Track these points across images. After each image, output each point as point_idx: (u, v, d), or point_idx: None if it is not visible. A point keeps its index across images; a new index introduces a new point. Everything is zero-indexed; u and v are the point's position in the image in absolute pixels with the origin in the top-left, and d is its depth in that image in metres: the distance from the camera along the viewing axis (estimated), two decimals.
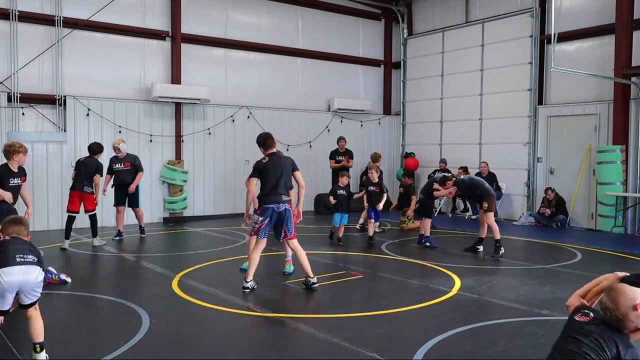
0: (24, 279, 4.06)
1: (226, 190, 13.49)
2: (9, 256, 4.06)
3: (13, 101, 10.83)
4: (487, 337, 4.99)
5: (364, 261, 8.37)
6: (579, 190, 12.09)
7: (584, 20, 12.04)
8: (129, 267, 8.07)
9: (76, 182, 9.23)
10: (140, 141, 12.24)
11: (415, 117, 15.87)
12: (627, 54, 11.07)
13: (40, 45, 11.20)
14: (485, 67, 13.93)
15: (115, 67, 12.07)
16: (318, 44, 14.99)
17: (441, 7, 15.16)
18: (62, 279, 6.77)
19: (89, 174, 9.19)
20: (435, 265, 7.97)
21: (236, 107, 13.56)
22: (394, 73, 16.52)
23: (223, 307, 5.82)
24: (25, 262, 4.09)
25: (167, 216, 12.57)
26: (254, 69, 14.00)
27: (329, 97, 15.20)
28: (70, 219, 9.23)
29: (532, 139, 12.97)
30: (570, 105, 12.32)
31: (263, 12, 14.12)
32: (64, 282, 6.75)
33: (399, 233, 11.17)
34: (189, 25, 12.85)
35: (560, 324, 5.31)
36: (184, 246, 9.91)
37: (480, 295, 6.37)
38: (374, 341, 4.81)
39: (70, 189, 9.33)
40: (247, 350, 4.72)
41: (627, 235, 11.02)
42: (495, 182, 13.11)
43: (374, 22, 16.21)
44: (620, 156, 11.12)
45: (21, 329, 5.04)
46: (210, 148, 13.23)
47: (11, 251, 4.10)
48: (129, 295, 6.29)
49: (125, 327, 5.18)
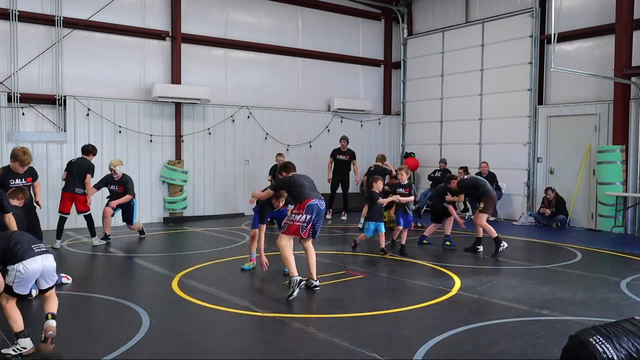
0: (44, 265, 4.53)
1: (226, 190, 13.49)
2: (28, 248, 4.50)
3: (13, 101, 10.83)
4: (487, 337, 4.99)
5: (364, 261, 8.37)
6: (579, 190, 12.08)
7: (584, 20, 12.04)
8: (129, 267, 8.07)
9: (68, 183, 9.25)
10: (140, 141, 12.24)
11: (415, 117, 15.87)
12: (627, 54, 11.07)
13: (40, 45, 11.20)
14: (485, 67, 13.93)
15: (115, 67, 12.07)
16: (318, 44, 14.99)
17: (441, 7, 15.16)
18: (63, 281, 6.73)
19: (81, 175, 9.19)
20: (435, 265, 7.97)
21: (236, 107, 13.56)
22: (394, 73, 16.52)
23: (223, 307, 5.82)
24: (42, 251, 4.58)
25: (167, 216, 12.58)
26: (254, 69, 14.00)
27: (329, 97, 15.20)
28: (61, 220, 9.28)
29: (532, 139, 12.97)
30: (570, 105, 12.32)
31: (263, 12, 14.12)
32: (64, 283, 6.73)
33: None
34: (189, 25, 12.85)
35: (560, 324, 5.34)
36: (184, 246, 9.91)
37: (480, 295, 6.37)
38: (374, 341, 4.81)
39: (62, 190, 9.38)
40: (247, 350, 4.72)
41: (627, 235, 11.02)
42: (495, 182, 13.11)
43: (374, 22, 16.21)
44: (620, 156, 11.12)
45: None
46: (210, 148, 13.23)
47: (26, 243, 4.54)
48: (129, 295, 6.29)
49: (125, 327, 5.17)
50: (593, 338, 3.33)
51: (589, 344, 3.29)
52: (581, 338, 3.37)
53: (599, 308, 5.87)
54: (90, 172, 9.28)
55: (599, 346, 3.27)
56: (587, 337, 3.34)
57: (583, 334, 3.40)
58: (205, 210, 13.22)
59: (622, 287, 6.74)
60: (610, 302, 6.09)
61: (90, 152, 9.49)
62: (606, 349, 3.25)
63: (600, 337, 3.33)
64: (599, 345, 3.28)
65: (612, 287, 6.78)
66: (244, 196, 13.63)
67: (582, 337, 3.37)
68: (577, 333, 3.47)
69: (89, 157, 9.43)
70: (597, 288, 6.72)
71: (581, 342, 3.34)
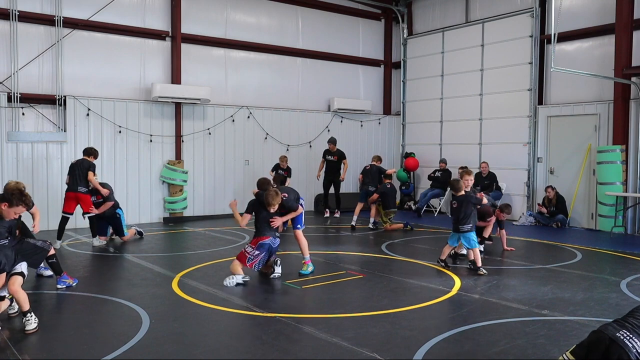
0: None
1: (226, 190, 13.49)
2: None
3: (13, 101, 10.83)
4: (487, 337, 4.99)
5: (364, 261, 8.37)
6: (579, 190, 12.08)
7: (584, 20, 12.04)
8: (129, 267, 8.06)
9: (71, 183, 9.28)
10: (140, 141, 12.24)
11: (415, 117, 15.87)
12: (627, 54, 11.07)
13: (40, 45, 11.20)
14: (485, 67, 13.93)
15: (115, 67, 12.07)
16: (318, 44, 14.99)
17: (441, 7, 15.16)
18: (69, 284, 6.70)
19: (83, 174, 9.22)
20: (435, 265, 7.96)
21: (236, 107, 13.56)
22: (394, 73, 16.52)
23: (223, 307, 5.82)
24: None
25: (167, 216, 12.57)
26: (254, 69, 14.00)
27: (329, 97, 15.20)
28: (63, 220, 9.28)
29: (532, 139, 12.97)
30: (570, 105, 12.32)
31: (263, 12, 14.12)
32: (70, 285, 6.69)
33: (400, 233, 11.16)
34: (189, 25, 12.85)
35: (560, 323, 5.34)
36: (184, 246, 9.91)
37: (480, 295, 6.37)
38: (374, 341, 4.81)
39: (66, 190, 9.41)
40: (247, 350, 4.72)
41: (627, 235, 11.02)
42: (495, 182, 13.12)
43: (374, 22, 16.21)
44: (620, 156, 11.11)
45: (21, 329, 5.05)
46: (210, 148, 13.24)
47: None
48: (129, 295, 6.29)
49: (125, 327, 5.18)
50: (620, 333, 3.33)
51: (618, 340, 3.29)
52: (608, 334, 3.36)
53: (599, 308, 5.86)
54: (91, 170, 9.31)
55: (627, 341, 3.29)
56: (614, 333, 3.35)
57: (608, 330, 3.40)
58: (205, 210, 13.22)
59: (622, 287, 6.74)
60: (610, 302, 6.09)
61: (92, 154, 9.53)
62: (635, 342, 3.28)
63: (627, 331, 3.34)
64: (627, 340, 3.29)
65: (612, 287, 6.78)
66: (244, 196, 13.62)
67: (608, 333, 3.36)
68: (600, 328, 3.47)
69: (89, 158, 9.46)
70: (597, 288, 6.72)
71: (609, 338, 3.33)
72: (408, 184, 15.42)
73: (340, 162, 13.16)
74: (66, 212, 9.30)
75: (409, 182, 15.44)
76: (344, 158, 13.19)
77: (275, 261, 7.26)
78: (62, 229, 9.27)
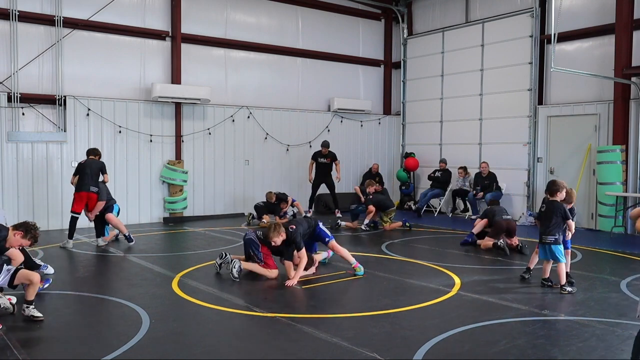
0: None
1: (226, 190, 13.49)
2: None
3: (13, 101, 10.83)
4: (487, 337, 4.99)
5: (364, 261, 8.35)
6: (579, 190, 12.08)
7: (584, 20, 12.04)
8: (129, 267, 8.06)
9: (82, 183, 9.16)
10: (140, 141, 12.24)
11: (415, 117, 15.87)
12: (627, 54, 11.07)
13: (40, 45, 11.20)
14: (485, 67, 13.93)
15: (115, 67, 12.07)
16: (318, 44, 14.99)
17: (441, 7, 15.16)
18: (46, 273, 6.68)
19: (95, 173, 9.21)
20: (435, 265, 7.97)
21: (236, 107, 13.56)
22: (394, 73, 16.52)
23: (223, 307, 5.82)
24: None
25: (167, 216, 12.57)
26: (254, 69, 14.00)
27: (329, 97, 15.20)
28: (73, 220, 9.24)
29: (532, 139, 12.97)
30: (570, 105, 12.32)
31: (263, 12, 14.12)
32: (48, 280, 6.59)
33: (400, 233, 11.16)
34: (189, 25, 12.85)
35: (560, 323, 5.34)
36: (184, 246, 9.91)
37: (480, 295, 6.37)
38: (374, 341, 4.81)
39: (76, 190, 9.25)
40: (247, 350, 4.72)
41: (627, 235, 11.02)
42: (496, 182, 13.13)
43: (374, 22, 16.20)
44: (620, 156, 11.11)
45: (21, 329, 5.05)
46: (210, 148, 13.24)
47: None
48: (129, 295, 6.29)
49: (125, 327, 5.18)
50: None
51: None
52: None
53: (599, 308, 5.87)
54: (104, 170, 9.35)
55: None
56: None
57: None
58: (205, 210, 13.22)
59: (622, 287, 6.74)
60: (610, 302, 6.09)
61: (98, 154, 9.56)
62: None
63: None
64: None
65: (612, 287, 6.78)
66: (244, 196, 13.65)
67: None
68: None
69: (97, 158, 9.47)
70: (597, 288, 6.72)
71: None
72: (408, 184, 15.41)
73: (332, 163, 13.25)
74: (76, 212, 9.23)
75: (409, 182, 15.44)
76: (335, 159, 13.30)
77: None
78: (73, 228, 9.23)
